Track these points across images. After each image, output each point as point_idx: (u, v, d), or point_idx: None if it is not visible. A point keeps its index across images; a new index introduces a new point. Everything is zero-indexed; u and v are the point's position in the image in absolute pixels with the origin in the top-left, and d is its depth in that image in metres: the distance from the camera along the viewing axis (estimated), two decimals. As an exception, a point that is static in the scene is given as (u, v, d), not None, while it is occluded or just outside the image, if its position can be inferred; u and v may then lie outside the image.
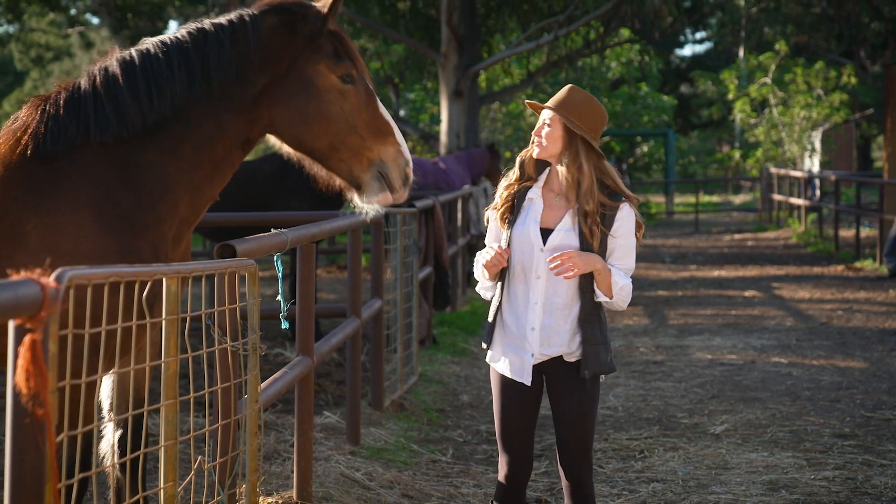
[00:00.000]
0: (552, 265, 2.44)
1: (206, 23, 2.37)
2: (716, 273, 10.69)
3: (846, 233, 13.52)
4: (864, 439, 4.33)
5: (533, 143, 2.55)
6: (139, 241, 2.24)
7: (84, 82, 2.31)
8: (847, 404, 4.97)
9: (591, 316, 2.52)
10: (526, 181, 2.57)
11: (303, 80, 2.35)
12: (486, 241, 2.63)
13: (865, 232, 13.06)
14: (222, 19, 2.37)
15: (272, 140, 2.46)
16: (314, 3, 2.40)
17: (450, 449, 4.27)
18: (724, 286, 9.56)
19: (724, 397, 5.14)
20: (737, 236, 15.32)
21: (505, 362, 2.55)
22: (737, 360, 6.07)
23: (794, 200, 15.28)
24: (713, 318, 7.67)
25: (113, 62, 2.33)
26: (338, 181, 2.43)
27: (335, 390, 5.06)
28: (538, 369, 2.55)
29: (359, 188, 2.40)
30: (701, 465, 3.97)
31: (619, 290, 2.48)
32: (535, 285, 2.51)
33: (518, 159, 2.60)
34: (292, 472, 3.39)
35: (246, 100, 2.34)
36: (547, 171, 2.57)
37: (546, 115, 2.53)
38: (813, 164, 19.35)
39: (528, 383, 2.53)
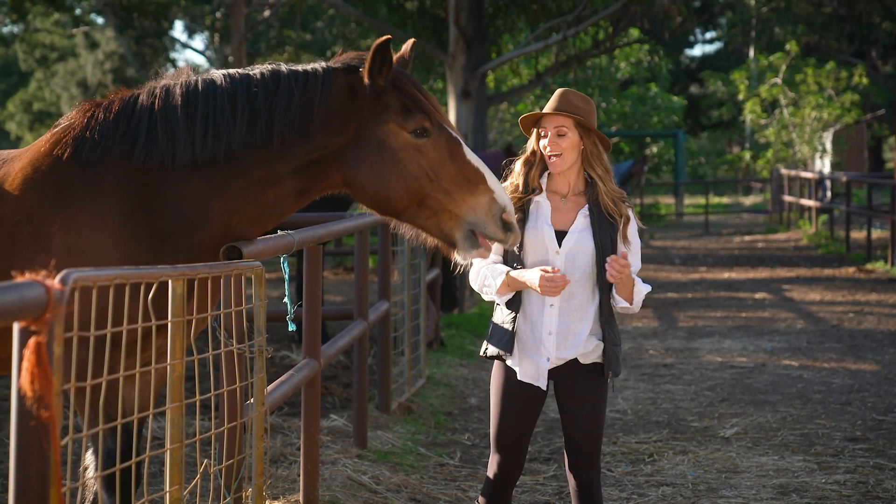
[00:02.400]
0: (612, 268, 2.40)
1: (283, 67, 2.27)
2: (726, 275, 10.62)
3: (857, 234, 13.41)
4: (875, 443, 4.29)
5: (547, 157, 2.49)
6: (166, 261, 2.19)
7: (144, 98, 2.25)
8: (858, 407, 4.92)
9: (610, 317, 2.52)
10: (531, 194, 2.54)
11: (374, 143, 2.25)
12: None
13: (877, 233, 12.95)
14: (299, 67, 2.28)
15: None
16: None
17: (457, 452, 4.25)
18: (734, 288, 9.50)
19: (734, 400, 5.11)
20: (747, 238, 15.22)
21: (520, 370, 2.53)
22: (747, 363, 6.03)
23: (805, 202, 15.17)
24: (723, 321, 7.62)
25: (177, 88, 2.24)
26: (430, 239, 2.32)
27: (342, 393, 5.06)
28: (549, 373, 2.53)
29: (452, 246, 2.28)
30: (711, 468, 3.95)
31: (640, 297, 2.49)
32: None
33: (521, 172, 2.54)
34: (299, 475, 3.38)
35: (306, 156, 2.25)
36: (545, 175, 2.56)
37: (557, 122, 2.49)
38: (824, 165, 19.22)
39: (544, 388, 2.51)
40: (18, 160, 2.27)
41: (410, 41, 2.33)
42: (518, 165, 2.57)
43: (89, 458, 2.33)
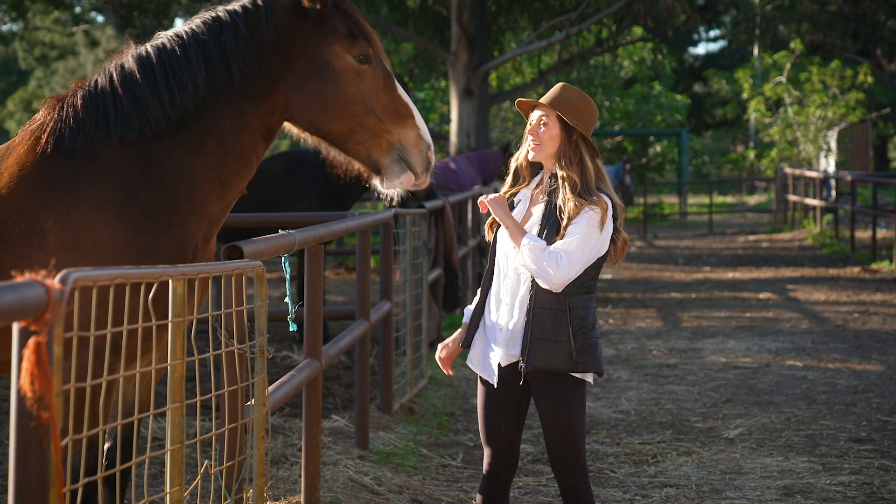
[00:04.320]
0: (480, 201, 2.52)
1: (220, 10, 2.30)
2: (730, 275, 10.58)
3: (862, 234, 13.36)
4: (880, 444, 4.26)
5: (527, 144, 2.52)
6: (164, 241, 2.19)
7: (101, 79, 2.26)
8: (863, 408, 4.90)
9: (543, 312, 2.46)
10: (520, 185, 2.57)
11: (318, 62, 2.29)
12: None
13: (882, 233, 12.89)
14: (236, 5, 2.31)
15: (289, 128, 2.39)
16: None
17: (460, 453, 4.23)
18: (738, 288, 9.47)
19: (738, 401, 5.09)
20: (751, 237, 15.18)
21: (481, 364, 2.56)
22: (751, 364, 6.00)
23: (810, 201, 15.11)
24: (727, 321, 7.59)
25: (128, 58, 2.27)
26: (357, 166, 2.37)
27: (343, 394, 5.04)
28: (520, 372, 2.53)
29: (378, 172, 2.34)
30: (715, 469, 3.93)
31: (524, 246, 2.45)
32: (504, 286, 2.53)
33: (513, 165, 2.59)
34: (300, 476, 3.37)
35: (263, 86, 2.28)
36: (541, 174, 2.57)
37: (540, 113, 2.50)
38: (828, 164, 19.16)
39: (495, 385, 2.52)
40: (2, 158, 2.25)
41: None
42: (512, 165, 2.61)
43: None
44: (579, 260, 2.44)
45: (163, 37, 2.31)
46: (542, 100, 2.51)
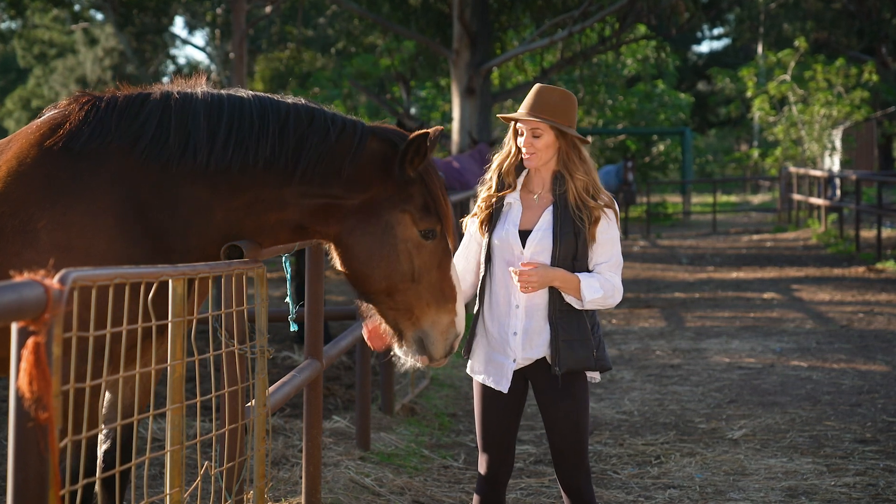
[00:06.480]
0: (515, 279, 2.44)
1: (324, 109, 2.28)
2: (734, 275, 10.54)
3: (867, 233, 13.30)
4: (885, 445, 4.24)
5: (521, 153, 2.50)
6: (161, 261, 2.14)
7: (156, 95, 2.21)
8: (868, 409, 4.87)
9: (565, 314, 2.47)
10: (505, 190, 2.54)
11: (383, 221, 2.25)
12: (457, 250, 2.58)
13: (887, 232, 12.85)
14: (340, 114, 2.28)
15: (332, 250, 2.35)
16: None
17: (462, 454, 4.22)
18: (742, 288, 9.44)
19: (742, 402, 5.06)
20: (755, 237, 15.14)
21: (485, 371, 2.53)
22: (755, 364, 5.98)
23: (814, 200, 15.07)
24: (731, 321, 7.56)
25: (198, 92, 2.22)
26: (383, 326, 2.36)
27: (344, 394, 5.03)
28: (521, 374, 2.52)
29: (400, 340, 2.33)
30: (718, 470, 3.91)
31: (588, 302, 2.45)
32: (516, 289, 2.49)
33: (496, 169, 2.56)
34: (301, 477, 3.36)
35: (317, 199, 2.24)
36: (524, 173, 2.55)
37: (533, 123, 2.48)
38: (833, 163, 19.11)
39: (506, 391, 2.51)
40: (1, 151, 2.21)
41: (437, 129, 2.31)
42: (494, 163, 2.58)
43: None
44: (621, 268, 2.51)
45: (244, 92, 2.24)
46: (527, 110, 2.47)
